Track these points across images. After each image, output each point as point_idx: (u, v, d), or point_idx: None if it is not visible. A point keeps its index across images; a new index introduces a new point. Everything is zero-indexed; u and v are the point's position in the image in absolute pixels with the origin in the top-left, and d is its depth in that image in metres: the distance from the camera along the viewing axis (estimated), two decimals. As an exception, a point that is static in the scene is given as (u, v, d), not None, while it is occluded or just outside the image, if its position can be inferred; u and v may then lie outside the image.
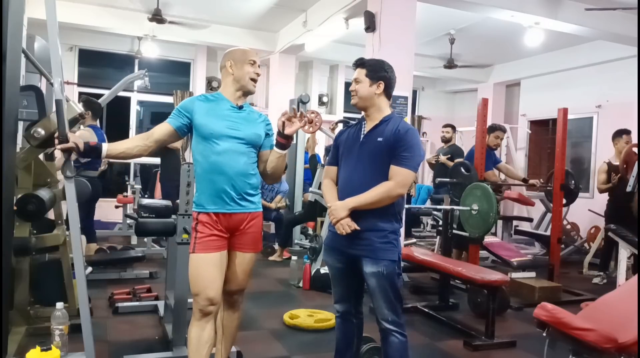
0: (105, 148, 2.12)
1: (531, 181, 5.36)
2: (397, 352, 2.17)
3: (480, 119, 4.71)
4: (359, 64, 2.25)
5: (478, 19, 6.10)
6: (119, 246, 5.40)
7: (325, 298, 4.15)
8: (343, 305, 2.34)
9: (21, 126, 3.03)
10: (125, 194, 6.45)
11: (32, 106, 2.71)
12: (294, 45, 6.94)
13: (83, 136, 3.73)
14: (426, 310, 3.93)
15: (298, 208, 6.23)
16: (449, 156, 5.72)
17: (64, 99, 2.21)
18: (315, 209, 5.41)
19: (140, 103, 8.44)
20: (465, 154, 5.59)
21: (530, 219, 7.00)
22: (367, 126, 2.24)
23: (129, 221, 6.24)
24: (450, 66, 7.49)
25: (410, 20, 4.76)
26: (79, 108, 2.62)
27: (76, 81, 7.59)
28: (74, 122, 2.67)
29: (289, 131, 2.18)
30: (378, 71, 2.21)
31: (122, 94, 6.83)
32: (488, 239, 4.87)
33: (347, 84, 8.27)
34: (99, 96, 5.69)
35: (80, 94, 7.43)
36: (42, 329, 2.82)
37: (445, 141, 5.97)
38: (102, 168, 4.83)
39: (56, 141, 2.11)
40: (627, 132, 5.23)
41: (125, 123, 8.01)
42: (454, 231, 4.63)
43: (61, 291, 3.06)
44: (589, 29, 5.63)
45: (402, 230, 4.81)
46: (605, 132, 6.45)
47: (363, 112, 2.28)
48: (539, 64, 7.84)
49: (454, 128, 6.02)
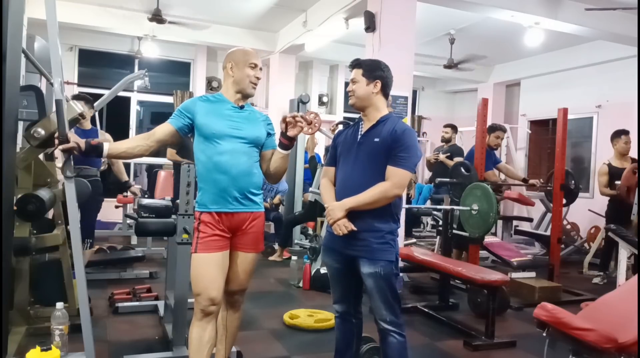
0: (107, 147, 2.13)
1: (531, 181, 5.36)
2: (396, 352, 2.17)
3: (480, 119, 4.71)
4: (355, 64, 2.26)
5: (478, 19, 6.09)
6: (119, 246, 5.40)
7: (325, 298, 4.15)
8: (342, 305, 2.34)
9: (21, 126, 3.03)
10: (125, 194, 6.44)
11: (32, 106, 2.71)
12: (294, 45, 6.93)
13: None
14: (426, 310, 3.93)
15: (298, 208, 6.23)
16: (448, 154, 5.72)
17: (64, 99, 2.21)
18: (315, 210, 5.41)
19: (140, 103, 8.44)
20: (465, 154, 5.59)
21: (530, 219, 6.99)
22: (365, 127, 2.24)
23: (129, 221, 6.24)
24: (450, 66, 7.48)
25: (410, 20, 4.75)
26: (79, 108, 2.62)
27: (76, 81, 7.58)
28: (74, 123, 2.67)
29: (292, 132, 2.19)
30: (374, 70, 2.21)
31: (122, 94, 6.81)
32: (488, 239, 4.87)
33: (347, 84, 8.25)
34: (99, 96, 5.68)
35: (80, 93, 7.45)
36: (42, 329, 2.82)
37: (445, 141, 5.97)
38: (102, 167, 4.83)
39: (56, 141, 2.11)
40: (625, 132, 5.23)
41: (125, 123, 8.00)
42: (454, 231, 4.63)
43: (61, 291, 3.05)
44: (589, 29, 5.63)
45: (402, 230, 4.83)
46: (605, 132, 6.44)
47: (361, 113, 2.28)
48: (539, 64, 7.84)
49: (454, 128, 5.99)
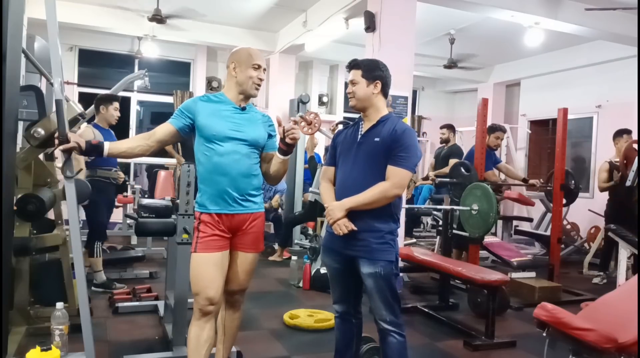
0: (107, 146, 2.12)
1: (531, 181, 5.35)
2: (395, 352, 2.17)
3: (480, 119, 4.71)
4: (353, 65, 2.24)
5: (478, 19, 6.09)
6: (119, 246, 5.40)
7: (325, 298, 4.15)
8: (342, 305, 2.34)
9: (21, 126, 3.03)
10: (125, 194, 6.45)
11: (32, 106, 2.71)
12: (294, 45, 6.93)
13: (84, 134, 3.73)
14: (426, 310, 3.93)
15: (298, 208, 6.23)
16: (448, 156, 5.67)
17: (64, 99, 2.21)
18: (315, 209, 5.41)
19: (140, 103, 8.44)
20: (465, 154, 5.57)
21: (530, 219, 7.00)
22: (365, 127, 2.24)
23: (129, 221, 6.24)
24: (450, 66, 7.48)
25: (410, 20, 4.75)
26: (79, 108, 2.62)
27: (76, 81, 7.58)
28: (74, 122, 2.68)
29: (289, 140, 2.14)
30: (373, 71, 2.20)
31: (122, 94, 6.77)
32: (488, 239, 4.87)
33: (347, 85, 8.25)
34: (99, 96, 5.68)
35: (81, 94, 7.46)
36: (42, 329, 2.82)
37: (444, 142, 5.93)
38: None
39: (56, 141, 2.10)
40: (628, 132, 5.23)
41: (125, 123, 7.99)
42: (454, 231, 4.63)
43: (61, 291, 3.05)
44: (589, 29, 5.63)
45: (402, 230, 4.83)
46: (605, 132, 6.45)
47: (361, 113, 2.27)
48: (539, 64, 7.83)
49: (451, 128, 5.85)
